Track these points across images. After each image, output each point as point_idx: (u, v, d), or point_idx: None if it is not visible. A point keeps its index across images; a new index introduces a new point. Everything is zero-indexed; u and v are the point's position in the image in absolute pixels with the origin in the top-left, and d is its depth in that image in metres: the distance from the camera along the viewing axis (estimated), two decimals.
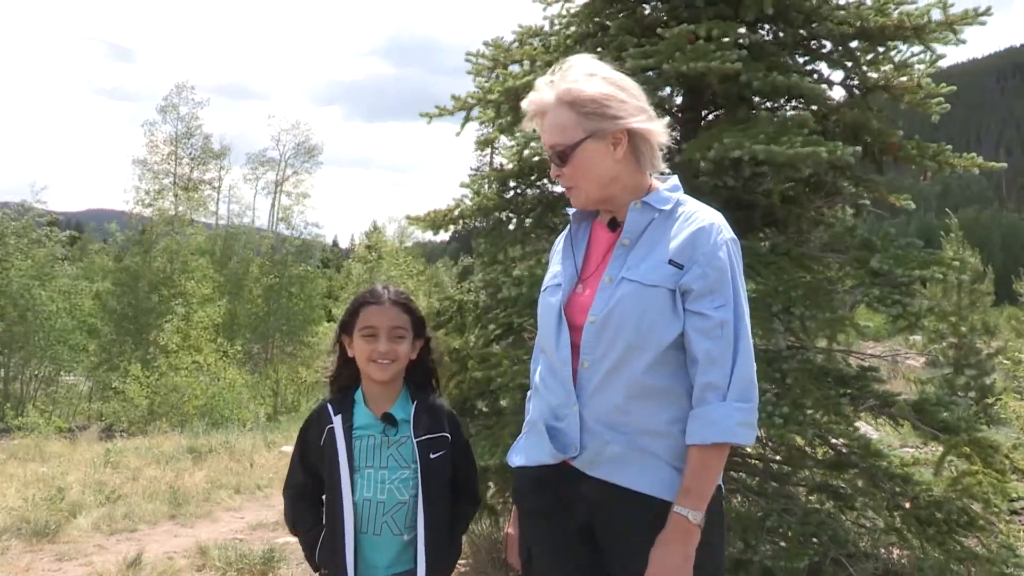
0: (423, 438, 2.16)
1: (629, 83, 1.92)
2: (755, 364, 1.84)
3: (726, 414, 1.76)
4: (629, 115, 1.87)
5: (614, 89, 1.88)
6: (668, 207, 1.89)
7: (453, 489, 2.23)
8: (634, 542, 1.81)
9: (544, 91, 1.90)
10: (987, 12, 3.83)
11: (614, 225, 1.94)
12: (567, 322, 1.90)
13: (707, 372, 1.78)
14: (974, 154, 4.15)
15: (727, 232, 1.87)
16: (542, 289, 2.02)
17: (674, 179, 1.97)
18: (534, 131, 2.04)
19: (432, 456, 2.16)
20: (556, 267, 2.01)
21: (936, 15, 3.90)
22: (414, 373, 2.26)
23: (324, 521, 2.18)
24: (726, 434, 1.76)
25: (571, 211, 2.05)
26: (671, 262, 1.81)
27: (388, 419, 2.16)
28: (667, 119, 1.97)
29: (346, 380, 2.27)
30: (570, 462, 1.87)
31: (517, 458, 2.03)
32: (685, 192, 1.98)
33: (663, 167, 1.95)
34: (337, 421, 2.17)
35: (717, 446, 1.78)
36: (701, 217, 1.87)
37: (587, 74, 1.89)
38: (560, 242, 2.08)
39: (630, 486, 1.80)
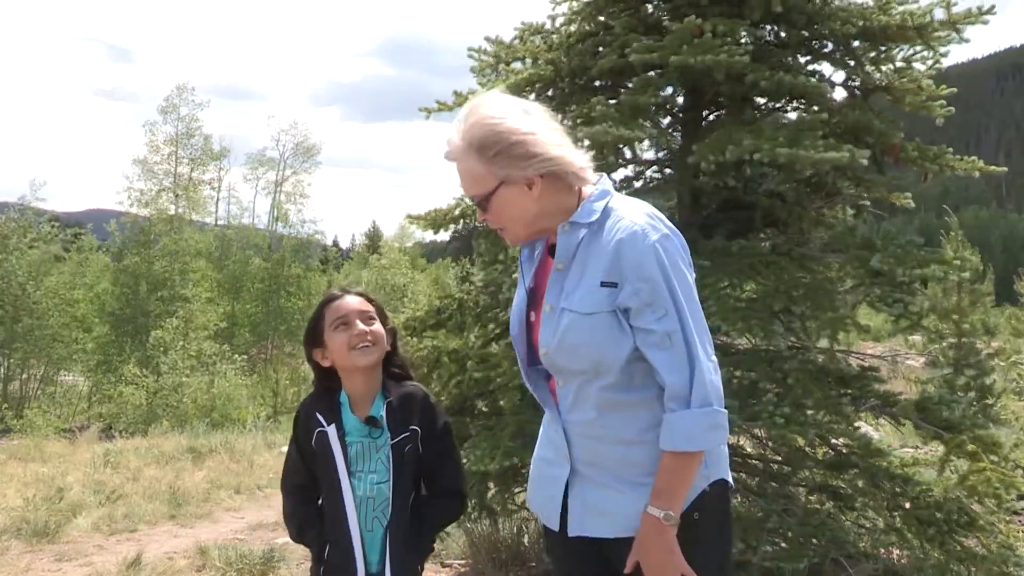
0: (397, 439, 2.20)
1: (538, 111, 1.86)
2: (714, 364, 1.80)
3: (693, 422, 1.75)
4: (540, 153, 1.79)
5: (522, 126, 1.79)
6: (595, 218, 1.82)
7: (424, 480, 2.26)
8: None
9: (454, 138, 1.84)
10: (991, 11, 3.81)
11: (553, 251, 1.91)
12: (533, 346, 1.94)
13: (668, 382, 1.77)
14: (974, 157, 4.14)
15: (654, 233, 1.78)
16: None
17: (603, 184, 1.89)
18: None
19: (406, 450, 2.21)
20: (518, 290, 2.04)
21: (939, 14, 3.88)
22: (385, 365, 2.29)
23: (326, 525, 2.21)
24: (693, 442, 1.76)
25: None
26: (603, 284, 1.77)
27: (372, 422, 2.21)
28: (670, 120, 1.98)
29: (327, 385, 2.29)
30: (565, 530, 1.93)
31: (529, 500, 2.13)
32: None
33: (594, 179, 1.88)
34: (331, 430, 2.21)
35: (687, 453, 1.78)
36: (624, 226, 1.79)
37: (492, 116, 1.80)
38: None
39: (619, 535, 1.85)
